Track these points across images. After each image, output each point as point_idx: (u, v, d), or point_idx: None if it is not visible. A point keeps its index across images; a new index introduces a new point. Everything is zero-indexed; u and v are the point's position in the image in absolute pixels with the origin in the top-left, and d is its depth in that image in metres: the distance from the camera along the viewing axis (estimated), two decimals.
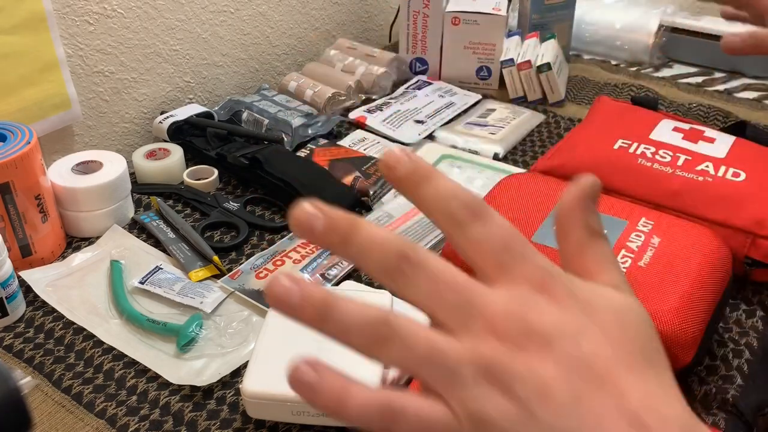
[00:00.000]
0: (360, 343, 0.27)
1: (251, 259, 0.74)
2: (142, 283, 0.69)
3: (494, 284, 0.28)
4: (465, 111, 1.06)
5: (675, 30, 1.23)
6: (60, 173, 0.76)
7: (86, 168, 0.78)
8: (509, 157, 0.94)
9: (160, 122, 0.93)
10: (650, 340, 0.29)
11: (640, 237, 0.61)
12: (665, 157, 0.74)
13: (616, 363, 0.27)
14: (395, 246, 0.28)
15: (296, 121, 0.96)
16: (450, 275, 0.28)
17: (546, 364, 0.26)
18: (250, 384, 0.53)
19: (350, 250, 0.28)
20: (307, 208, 0.28)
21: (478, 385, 0.27)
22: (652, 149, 0.76)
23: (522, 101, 1.10)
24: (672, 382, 0.28)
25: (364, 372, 0.53)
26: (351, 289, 0.67)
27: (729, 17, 0.86)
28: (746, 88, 1.16)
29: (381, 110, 1.04)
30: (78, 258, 0.74)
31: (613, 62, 1.25)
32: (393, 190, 0.84)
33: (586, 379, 0.26)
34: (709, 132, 0.79)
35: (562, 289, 0.28)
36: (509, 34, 1.15)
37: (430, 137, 0.98)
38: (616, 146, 0.77)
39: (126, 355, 0.63)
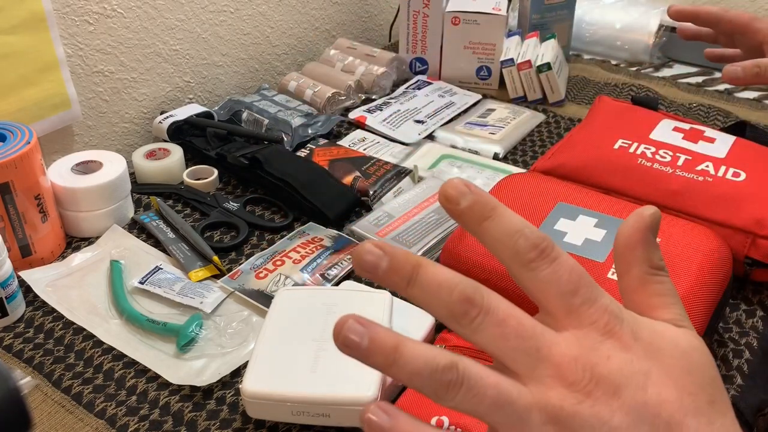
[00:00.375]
0: (427, 388, 0.28)
1: (251, 259, 0.74)
2: (142, 283, 0.69)
3: (560, 327, 0.29)
4: (465, 111, 1.06)
5: (675, 30, 1.23)
6: (60, 173, 0.76)
7: (86, 168, 0.78)
8: (509, 157, 0.94)
9: (160, 122, 0.93)
10: (712, 380, 0.29)
11: None
12: (665, 157, 0.74)
13: (681, 407, 0.27)
14: (460, 289, 0.28)
15: (296, 121, 0.96)
16: (516, 320, 0.28)
17: (614, 411, 0.27)
18: (250, 384, 0.53)
19: (414, 291, 0.28)
20: (371, 249, 0.28)
21: (547, 431, 0.27)
22: (653, 149, 0.76)
23: (522, 101, 1.10)
24: (734, 423, 0.29)
25: (364, 374, 0.54)
26: (351, 288, 0.67)
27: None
28: (746, 88, 1.15)
29: (381, 110, 1.04)
30: (78, 258, 0.74)
31: (613, 62, 1.25)
32: (393, 190, 0.84)
33: (653, 426, 0.27)
34: (709, 132, 0.79)
35: (628, 332, 0.28)
36: (509, 34, 1.15)
37: (430, 137, 0.98)
38: (616, 146, 0.77)
39: (126, 355, 0.63)
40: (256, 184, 0.87)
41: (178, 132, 0.92)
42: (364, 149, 0.94)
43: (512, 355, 0.28)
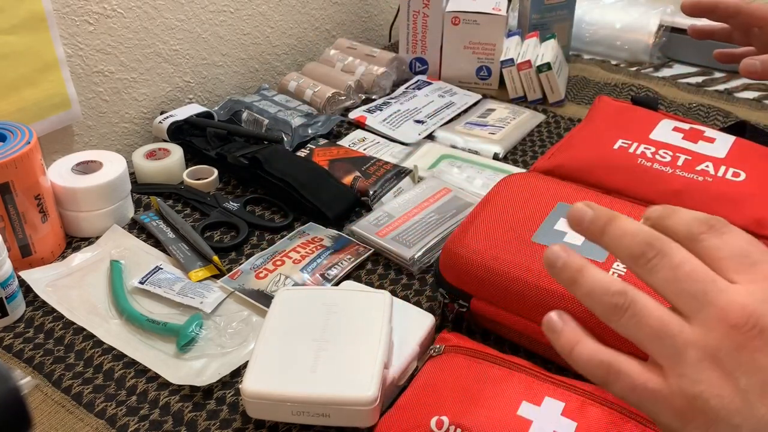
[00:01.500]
0: (598, 308, 0.32)
1: (251, 259, 0.74)
2: (142, 283, 0.69)
3: (734, 281, 0.30)
4: (465, 111, 1.06)
5: (675, 30, 1.23)
6: (60, 173, 0.76)
7: (86, 168, 0.78)
8: (509, 157, 0.94)
9: (160, 122, 0.93)
10: None
11: None
12: (665, 157, 0.74)
13: None
14: (642, 236, 0.31)
15: (296, 121, 0.96)
16: (690, 266, 0.31)
17: None
18: (250, 384, 0.53)
19: (604, 240, 0.33)
20: (582, 206, 0.34)
21: (701, 368, 0.29)
22: (652, 149, 0.76)
23: (522, 101, 1.10)
24: None
25: (364, 374, 0.54)
26: (351, 288, 0.67)
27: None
28: (746, 88, 1.16)
29: (381, 110, 1.04)
30: (78, 258, 0.74)
31: (613, 62, 1.25)
32: (393, 190, 0.84)
33: None
34: (709, 132, 0.79)
35: None
36: (509, 34, 1.15)
37: (430, 137, 0.98)
38: (616, 146, 0.77)
39: (126, 355, 0.63)
40: (256, 184, 0.87)
41: (178, 132, 0.92)
42: (364, 149, 0.94)
43: (681, 297, 0.30)
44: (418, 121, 1.01)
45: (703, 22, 0.82)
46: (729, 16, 0.78)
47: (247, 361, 0.56)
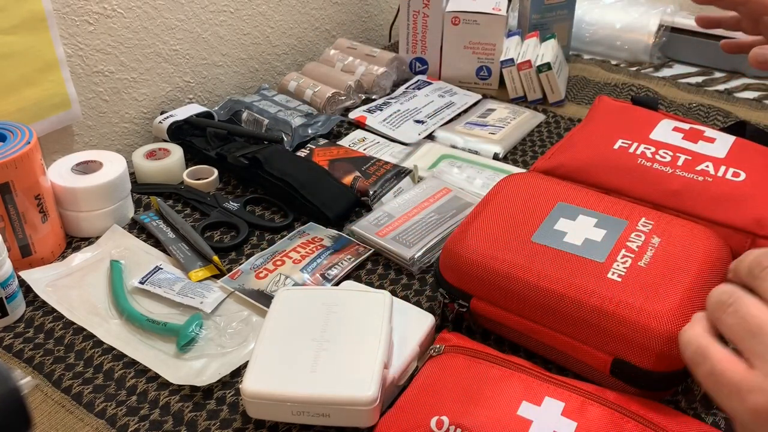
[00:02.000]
0: (710, 306, 0.37)
1: (251, 259, 0.74)
2: (142, 283, 0.69)
3: None
4: (465, 111, 1.06)
5: (675, 30, 1.23)
6: (60, 173, 0.76)
7: (86, 168, 0.78)
8: (509, 157, 0.94)
9: (160, 122, 0.93)
10: None
11: (640, 237, 0.61)
12: (665, 157, 0.74)
13: None
14: (757, 257, 0.36)
15: (296, 121, 0.96)
16: None
17: None
18: (250, 384, 0.53)
19: (740, 267, 0.38)
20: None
21: None
22: (652, 149, 0.76)
23: (522, 101, 1.10)
24: None
25: (363, 374, 0.54)
26: (351, 288, 0.67)
27: (709, 25, 0.82)
28: (746, 88, 1.15)
29: (381, 110, 1.04)
30: (78, 258, 0.74)
31: (613, 62, 1.25)
32: (393, 190, 0.84)
33: None
34: (709, 132, 0.79)
35: None
36: (509, 34, 1.15)
37: (430, 137, 0.98)
38: (616, 146, 0.77)
39: (126, 355, 0.63)
40: (256, 184, 0.87)
41: (178, 132, 0.92)
42: (364, 149, 0.94)
43: None
44: (418, 121, 1.01)
45: (710, 11, 0.81)
46: (738, 4, 0.77)
47: (247, 361, 0.56)
